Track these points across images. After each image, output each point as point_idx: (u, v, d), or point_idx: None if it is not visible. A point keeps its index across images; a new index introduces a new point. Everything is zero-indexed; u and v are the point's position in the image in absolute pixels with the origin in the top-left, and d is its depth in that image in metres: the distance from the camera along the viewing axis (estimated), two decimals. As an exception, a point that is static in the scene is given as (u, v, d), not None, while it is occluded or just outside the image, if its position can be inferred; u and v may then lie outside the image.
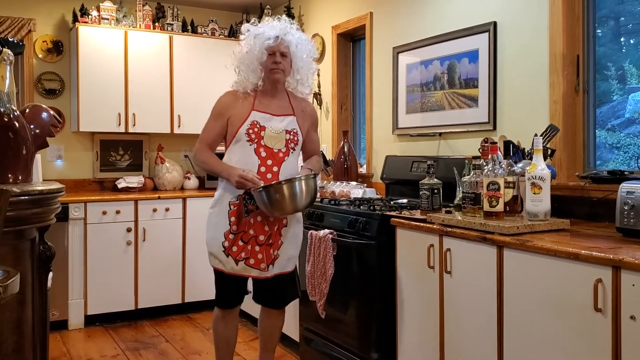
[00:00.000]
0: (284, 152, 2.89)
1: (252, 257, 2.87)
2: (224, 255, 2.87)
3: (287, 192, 2.71)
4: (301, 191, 2.73)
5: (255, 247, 2.87)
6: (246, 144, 2.85)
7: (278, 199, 2.71)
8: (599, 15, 2.93)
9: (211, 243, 2.91)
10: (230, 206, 2.87)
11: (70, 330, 4.43)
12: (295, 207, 2.78)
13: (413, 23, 3.89)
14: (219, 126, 2.93)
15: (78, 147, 5.15)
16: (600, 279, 1.91)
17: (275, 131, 2.88)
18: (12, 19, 4.82)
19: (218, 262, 2.89)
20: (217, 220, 2.89)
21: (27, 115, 2.53)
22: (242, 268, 2.87)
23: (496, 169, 2.46)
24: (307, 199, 2.77)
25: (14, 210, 2.08)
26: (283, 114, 2.94)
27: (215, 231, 2.90)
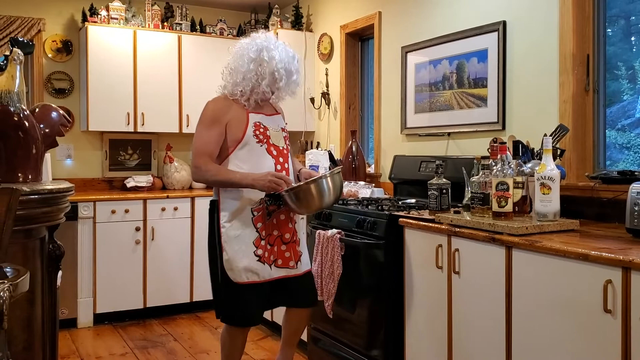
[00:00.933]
0: (286, 148, 2.90)
1: (279, 257, 2.80)
2: (259, 264, 2.74)
3: (316, 190, 2.70)
4: (328, 188, 2.72)
5: (282, 246, 2.81)
6: (256, 145, 2.76)
7: (308, 197, 2.70)
8: (610, 15, 2.92)
9: (238, 258, 2.72)
10: (254, 213, 2.75)
11: (79, 329, 4.46)
12: (323, 204, 2.77)
13: (422, 22, 3.88)
14: (216, 134, 2.75)
15: (87, 147, 5.18)
16: (610, 280, 1.90)
17: (275, 129, 2.86)
18: (22, 19, 4.85)
19: (251, 274, 2.73)
20: (241, 233, 2.74)
21: (37, 114, 2.54)
22: (275, 271, 2.80)
23: (505, 169, 2.45)
24: (335, 195, 2.77)
25: (24, 209, 2.09)
26: (272, 113, 2.93)
27: (240, 244, 2.73)
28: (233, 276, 2.73)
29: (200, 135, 2.76)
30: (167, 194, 4.85)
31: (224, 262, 2.73)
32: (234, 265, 2.72)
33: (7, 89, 2.37)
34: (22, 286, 1.65)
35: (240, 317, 2.80)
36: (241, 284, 2.73)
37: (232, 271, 2.73)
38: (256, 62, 2.76)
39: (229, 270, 2.73)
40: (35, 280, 2.25)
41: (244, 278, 2.73)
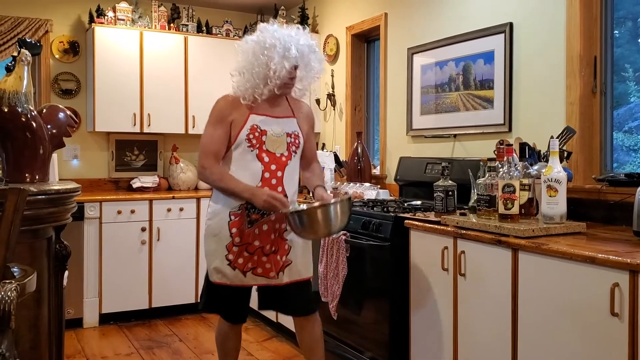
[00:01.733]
0: (287, 156, 2.72)
1: (259, 266, 2.70)
2: (229, 268, 2.68)
3: (323, 216, 2.54)
4: (336, 215, 2.55)
5: (262, 257, 2.70)
6: (247, 149, 2.66)
7: (314, 223, 2.55)
8: (617, 16, 2.91)
9: (212, 257, 2.71)
10: (231, 217, 2.67)
11: (85, 329, 4.47)
12: (329, 231, 2.65)
13: (428, 24, 3.88)
14: (222, 133, 2.68)
15: (94, 147, 5.19)
16: (617, 283, 1.89)
17: (276, 134, 2.70)
18: (29, 20, 4.87)
19: (222, 276, 2.69)
20: (218, 233, 2.69)
21: (44, 115, 2.55)
22: (251, 278, 2.71)
23: (511, 171, 2.45)
24: (342, 223, 2.59)
25: (31, 209, 2.10)
26: (283, 115, 2.76)
27: (216, 244, 2.69)
28: (208, 273, 2.76)
29: (207, 133, 2.72)
30: (172, 195, 4.86)
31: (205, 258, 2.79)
32: (208, 264, 2.74)
33: (14, 90, 2.39)
34: (29, 286, 1.66)
35: (223, 313, 2.83)
36: (213, 282, 2.73)
37: (208, 268, 2.76)
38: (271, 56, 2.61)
39: (207, 267, 2.77)
40: (42, 280, 2.26)
41: (215, 278, 2.71)
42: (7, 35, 4.75)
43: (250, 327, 4.51)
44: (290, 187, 2.73)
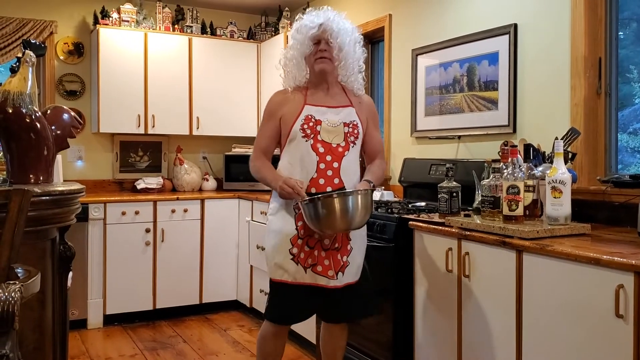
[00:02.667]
0: (344, 146, 2.61)
1: (319, 263, 2.57)
2: (293, 263, 2.57)
3: (339, 207, 2.37)
4: (355, 207, 2.39)
5: (322, 252, 2.57)
6: (302, 140, 2.58)
7: (327, 213, 2.38)
8: (622, 17, 2.90)
9: (275, 252, 2.62)
10: (296, 210, 2.57)
11: (89, 330, 4.48)
12: (347, 225, 2.45)
13: (432, 25, 3.87)
14: (272, 128, 2.69)
15: (98, 148, 5.20)
16: (621, 284, 1.89)
17: (332, 124, 2.61)
18: (34, 21, 4.88)
19: (283, 272, 2.59)
20: (281, 227, 2.61)
21: (49, 116, 2.56)
22: (310, 276, 2.58)
23: (516, 173, 2.44)
24: (362, 217, 2.45)
25: (35, 210, 2.10)
26: (339, 105, 2.68)
27: (279, 239, 2.61)
28: (269, 271, 2.67)
29: (259, 128, 2.79)
30: (177, 196, 4.86)
31: (265, 255, 2.71)
32: (269, 260, 2.66)
33: (19, 91, 2.39)
34: (33, 287, 1.66)
35: (274, 312, 2.69)
36: (275, 281, 2.64)
37: (268, 266, 2.67)
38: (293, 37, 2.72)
39: (266, 264, 2.69)
40: (46, 281, 2.26)
41: (277, 275, 2.62)
42: (12, 36, 4.77)
43: (254, 329, 4.52)
44: (349, 179, 2.61)
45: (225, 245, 4.99)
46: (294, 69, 2.70)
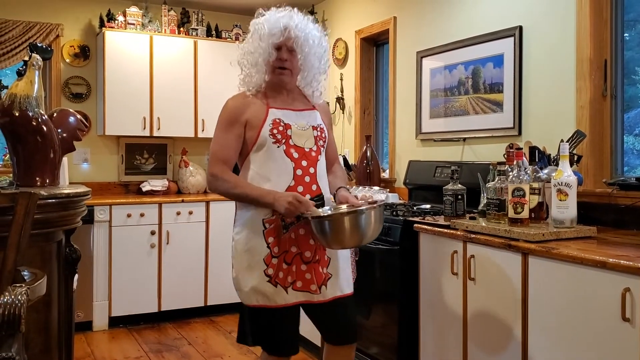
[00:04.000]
0: (316, 150, 2.40)
1: (299, 279, 2.32)
2: (269, 285, 2.28)
3: (351, 224, 2.20)
4: (368, 224, 2.21)
5: (302, 265, 2.33)
6: (273, 146, 2.32)
7: (340, 231, 2.20)
8: (627, 19, 2.89)
9: (247, 277, 2.32)
10: (265, 225, 2.31)
11: (94, 332, 4.48)
12: (360, 241, 2.28)
13: (437, 27, 3.87)
14: (234, 136, 2.37)
15: (104, 151, 5.22)
16: (628, 287, 1.88)
17: (301, 127, 2.39)
18: (40, 24, 4.90)
19: (262, 297, 2.29)
20: (251, 247, 2.32)
21: (55, 119, 2.57)
22: (293, 295, 2.32)
23: (521, 175, 2.44)
24: (373, 234, 2.25)
25: (41, 213, 2.11)
26: (304, 108, 2.47)
27: (251, 259, 2.32)
28: (242, 297, 2.35)
29: (217, 138, 2.40)
30: (182, 198, 4.87)
31: (234, 280, 2.37)
32: (242, 284, 2.33)
33: (25, 94, 2.40)
34: (39, 290, 1.67)
35: (272, 344, 2.35)
36: (252, 307, 2.33)
37: (240, 291, 2.36)
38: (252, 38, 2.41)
39: (238, 290, 2.37)
40: (52, 284, 2.27)
41: (254, 301, 2.31)
42: (19, 39, 4.79)
43: (259, 331, 4.51)
44: (324, 185, 2.44)
45: (230, 247, 4.97)
46: (254, 71, 2.42)
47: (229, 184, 2.34)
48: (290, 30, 2.36)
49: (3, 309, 1.48)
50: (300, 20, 2.40)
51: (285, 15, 2.39)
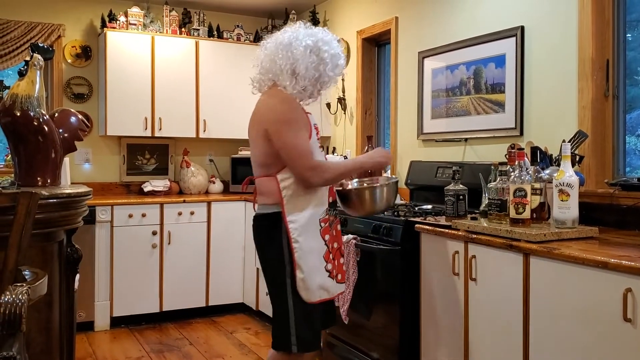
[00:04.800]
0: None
1: (339, 272, 2.54)
2: (330, 280, 2.47)
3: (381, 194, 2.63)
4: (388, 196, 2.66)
5: (340, 259, 2.56)
6: (318, 150, 2.52)
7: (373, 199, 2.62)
8: (629, 19, 2.89)
9: (315, 276, 2.41)
10: (321, 224, 2.46)
11: (96, 332, 4.49)
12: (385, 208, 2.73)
13: (439, 28, 3.87)
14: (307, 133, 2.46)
15: (105, 151, 5.22)
16: (629, 288, 1.87)
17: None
18: (42, 25, 4.91)
19: (324, 291, 2.45)
20: (314, 246, 2.43)
21: (56, 119, 2.57)
22: (338, 287, 2.54)
23: (523, 176, 2.43)
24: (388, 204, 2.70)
25: (42, 212, 2.11)
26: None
27: (315, 259, 2.43)
28: (307, 296, 2.40)
29: (295, 133, 2.40)
30: (183, 199, 4.87)
31: (298, 281, 2.39)
32: (310, 283, 2.40)
33: (27, 94, 2.41)
34: (41, 289, 1.67)
35: (312, 340, 2.46)
36: (312, 303, 2.42)
37: (307, 291, 2.41)
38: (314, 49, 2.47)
39: (303, 290, 2.40)
40: (53, 284, 2.27)
41: (317, 297, 2.43)
42: (20, 40, 4.80)
43: (260, 331, 4.52)
44: None
45: (231, 247, 4.99)
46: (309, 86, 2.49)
47: (332, 169, 2.47)
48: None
49: (4, 309, 1.48)
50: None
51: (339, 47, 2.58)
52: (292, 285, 2.40)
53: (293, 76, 2.46)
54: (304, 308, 2.41)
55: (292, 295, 2.41)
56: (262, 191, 2.51)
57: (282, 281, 2.42)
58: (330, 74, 2.52)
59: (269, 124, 2.42)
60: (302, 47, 2.46)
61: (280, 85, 2.48)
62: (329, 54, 2.50)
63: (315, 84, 2.51)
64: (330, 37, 2.55)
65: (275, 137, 2.40)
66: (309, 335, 2.44)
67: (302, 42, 2.47)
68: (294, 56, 2.45)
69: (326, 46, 2.50)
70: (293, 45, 2.46)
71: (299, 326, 2.42)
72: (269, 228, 2.46)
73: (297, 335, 2.41)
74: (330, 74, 2.52)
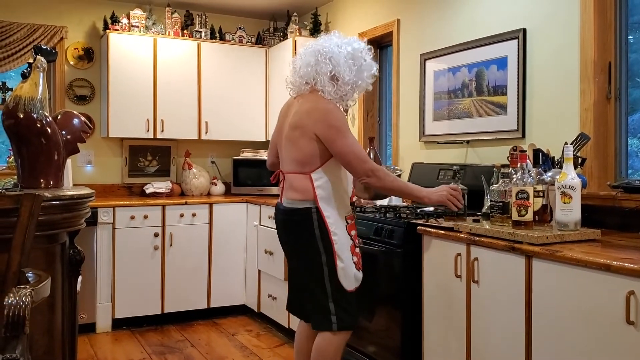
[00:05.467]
0: None
1: (359, 266, 2.77)
2: (358, 271, 2.74)
3: None
4: None
5: (357, 249, 2.79)
6: None
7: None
8: (632, 22, 2.89)
9: (350, 266, 2.69)
10: (347, 220, 2.73)
11: (98, 334, 4.49)
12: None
13: (441, 30, 3.87)
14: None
15: (107, 153, 5.23)
16: (632, 291, 1.87)
17: None
18: (45, 27, 4.92)
19: (355, 281, 2.72)
20: (344, 241, 2.68)
21: (59, 121, 2.58)
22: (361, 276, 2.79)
23: (525, 178, 2.43)
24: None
25: (45, 214, 2.11)
26: None
27: (349, 252, 2.70)
28: (347, 284, 2.67)
29: (351, 139, 2.64)
30: (185, 200, 4.88)
31: (339, 270, 2.65)
32: (349, 272, 2.68)
33: (30, 96, 2.41)
34: (44, 291, 1.67)
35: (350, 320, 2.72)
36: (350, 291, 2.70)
37: (347, 279, 2.67)
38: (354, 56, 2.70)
39: (344, 278, 2.66)
40: (55, 286, 2.28)
41: (353, 285, 2.72)
42: (23, 42, 4.81)
43: (262, 333, 4.51)
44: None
45: (233, 249, 5.00)
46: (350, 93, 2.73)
47: (391, 177, 2.74)
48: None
49: (7, 311, 1.48)
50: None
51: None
52: (329, 272, 2.64)
53: (334, 82, 2.65)
54: (341, 291, 2.66)
55: (330, 281, 2.65)
56: (294, 187, 2.69)
57: (319, 268, 2.65)
58: (368, 80, 2.74)
59: (323, 129, 2.60)
60: (342, 54, 2.66)
61: (321, 91, 2.66)
62: (367, 61, 2.72)
63: (354, 89, 2.72)
64: (364, 46, 2.76)
65: (330, 142, 2.61)
66: (348, 315, 2.69)
67: (342, 50, 2.67)
68: (336, 63, 2.65)
69: (363, 54, 2.73)
70: (334, 52, 2.66)
71: (337, 307, 2.66)
72: (301, 221, 2.67)
73: (337, 314, 2.66)
74: (368, 80, 2.74)
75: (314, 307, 2.73)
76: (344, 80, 2.65)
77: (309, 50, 2.72)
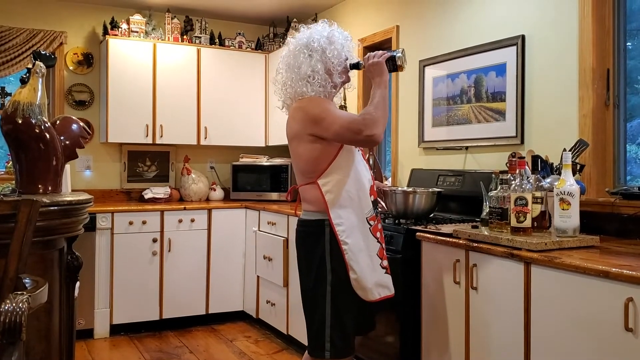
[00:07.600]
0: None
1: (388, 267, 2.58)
2: (387, 276, 2.54)
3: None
4: None
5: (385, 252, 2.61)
6: (354, 150, 2.56)
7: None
8: (630, 28, 2.89)
9: (370, 274, 2.46)
10: (370, 222, 2.51)
11: (95, 339, 4.48)
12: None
13: (440, 36, 3.88)
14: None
15: (106, 158, 5.23)
16: (631, 297, 1.87)
17: None
18: (44, 32, 4.92)
19: (383, 289, 2.51)
20: (366, 245, 2.47)
21: (58, 126, 2.58)
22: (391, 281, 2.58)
23: (524, 184, 2.43)
24: None
25: (43, 220, 2.11)
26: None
27: (369, 257, 2.48)
28: (365, 295, 2.45)
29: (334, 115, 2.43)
30: (184, 206, 4.87)
31: (353, 282, 2.43)
32: (365, 282, 2.44)
33: (29, 101, 2.41)
34: (41, 297, 1.67)
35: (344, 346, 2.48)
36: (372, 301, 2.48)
37: (364, 290, 2.45)
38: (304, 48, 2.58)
39: (360, 290, 2.45)
40: (53, 291, 2.27)
41: (376, 295, 2.47)
42: (22, 47, 4.81)
43: (260, 339, 4.50)
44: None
45: (231, 255, 4.99)
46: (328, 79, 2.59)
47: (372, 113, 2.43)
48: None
49: (4, 317, 1.47)
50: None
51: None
52: (332, 292, 2.45)
53: (305, 81, 2.53)
54: (339, 314, 2.45)
55: (331, 302, 2.45)
56: (306, 199, 2.56)
57: (322, 286, 2.46)
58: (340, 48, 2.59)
59: (310, 125, 2.46)
60: (293, 54, 2.58)
61: (301, 95, 2.54)
62: (319, 42, 2.57)
63: (329, 74, 2.55)
64: (311, 31, 2.64)
65: (322, 132, 2.44)
66: (342, 342, 2.46)
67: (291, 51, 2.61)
68: (294, 65, 2.55)
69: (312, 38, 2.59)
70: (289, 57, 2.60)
71: (333, 332, 2.45)
72: (312, 234, 2.51)
73: (331, 341, 2.45)
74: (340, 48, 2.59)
75: (311, 329, 2.53)
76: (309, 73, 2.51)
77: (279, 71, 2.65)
